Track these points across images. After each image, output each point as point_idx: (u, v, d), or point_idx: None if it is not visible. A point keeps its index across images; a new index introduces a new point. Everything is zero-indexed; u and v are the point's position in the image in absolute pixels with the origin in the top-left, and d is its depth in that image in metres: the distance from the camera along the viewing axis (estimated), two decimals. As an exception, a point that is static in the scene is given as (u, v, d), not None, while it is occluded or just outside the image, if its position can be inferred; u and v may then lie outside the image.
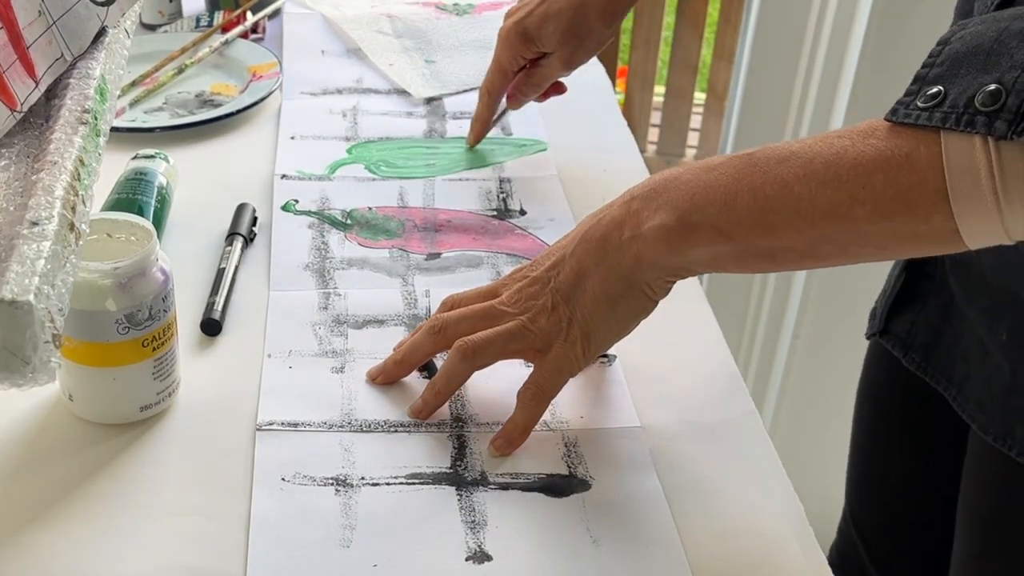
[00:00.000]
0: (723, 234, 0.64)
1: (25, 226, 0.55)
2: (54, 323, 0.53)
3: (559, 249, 0.72)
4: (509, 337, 0.70)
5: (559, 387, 0.71)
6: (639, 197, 0.68)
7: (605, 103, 1.14)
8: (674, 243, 0.65)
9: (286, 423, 0.72)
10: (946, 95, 0.58)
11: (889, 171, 0.59)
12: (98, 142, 0.65)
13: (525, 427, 0.70)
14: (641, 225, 0.67)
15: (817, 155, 0.61)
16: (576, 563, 0.63)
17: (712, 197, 0.64)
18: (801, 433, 1.72)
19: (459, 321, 0.73)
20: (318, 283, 0.85)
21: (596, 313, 0.69)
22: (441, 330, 0.73)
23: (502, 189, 0.98)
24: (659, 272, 0.67)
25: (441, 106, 1.12)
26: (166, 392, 0.72)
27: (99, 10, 0.70)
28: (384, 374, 0.75)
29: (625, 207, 0.68)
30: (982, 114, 0.56)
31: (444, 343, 0.73)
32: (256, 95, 1.09)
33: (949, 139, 0.57)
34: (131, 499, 0.66)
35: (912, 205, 0.58)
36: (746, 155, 0.65)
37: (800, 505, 0.68)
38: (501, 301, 0.72)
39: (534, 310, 0.70)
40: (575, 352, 0.69)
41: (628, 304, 0.69)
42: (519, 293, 0.72)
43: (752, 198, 0.63)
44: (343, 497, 0.66)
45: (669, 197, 0.66)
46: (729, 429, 0.73)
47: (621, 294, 0.68)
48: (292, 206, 0.94)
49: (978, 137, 0.56)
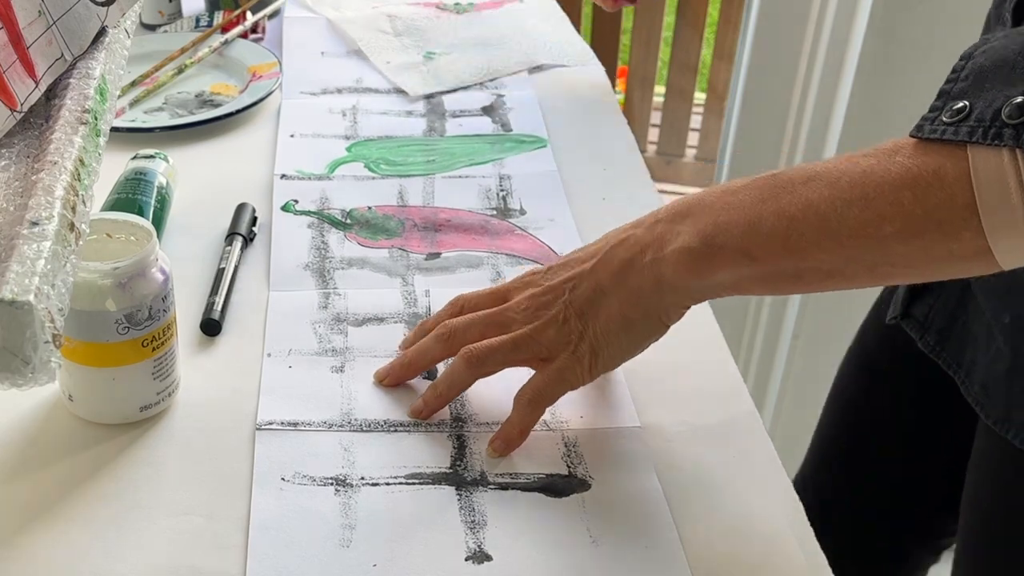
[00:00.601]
0: (748, 256, 0.63)
1: (25, 226, 0.55)
2: (54, 323, 0.53)
3: (578, 262, 0.71)
4: (514, 347, 0.70)
5: (557, 397, 0.70)
6: (663, 220, 0.67)
7: (605, 103, 1.14)
8: (698, 266, 0.65)
9: (286, 422, 0.72)
10: (972, 109, 0.57)
11: (917, 188, 0.58)
12: (98, 142, 0.65)
13: (521, 430, 0.70)
14: (664, 248, 0.66)
15: (843, 174, 0.61)
16: (576, 563, 0.63)
17: (736, 219, 0.64)
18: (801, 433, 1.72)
19: (467, 328, 0.73)
20: (318, 283, 0.85)
21: (609, 333, 0.69)
22: (449, 336, 0.73)
23: (502, 186, 0.98)
24: (680, 296, 0.67)
25: (441, 105, 1.12)
26: (166, 392, 0.72)
27: (99, 10, 0.70)
28: (391, 376, 0.75)
29: (649, 230, 0.68)
30: (1009, 127, 0.55)
31: (452, 350, 0.73)
32: (256, 95, 1.09)
33: (976, 153, 0.56)
34: (131, 499, 0.66)
35: (942, 222, 0.58)
36: (770, 176, 0.64)
37: (800, 505, 0.68)
38: (510, 307, 0.72)
39: (543, 319, 0.70)
40: (581, 367, 0.69)
41: (642, 328, 0.69)
42: (530, 300, 0.71)
43: (777, 219, 0.62)
44: (343, 497, 0.66)
45: (692, 220, 0.66)
46: (729, 429, 0.73)
47: (638, 318, 0.68)
48: (292, 206, 0.94)
49: (1006, 150, 0.55)
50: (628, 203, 0.96)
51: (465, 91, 1.14)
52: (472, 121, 1.09)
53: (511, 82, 1.16)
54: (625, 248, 0.68)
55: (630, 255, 0.68)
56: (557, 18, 1.30)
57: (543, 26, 1.27)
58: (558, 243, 0.90)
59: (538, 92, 1.14)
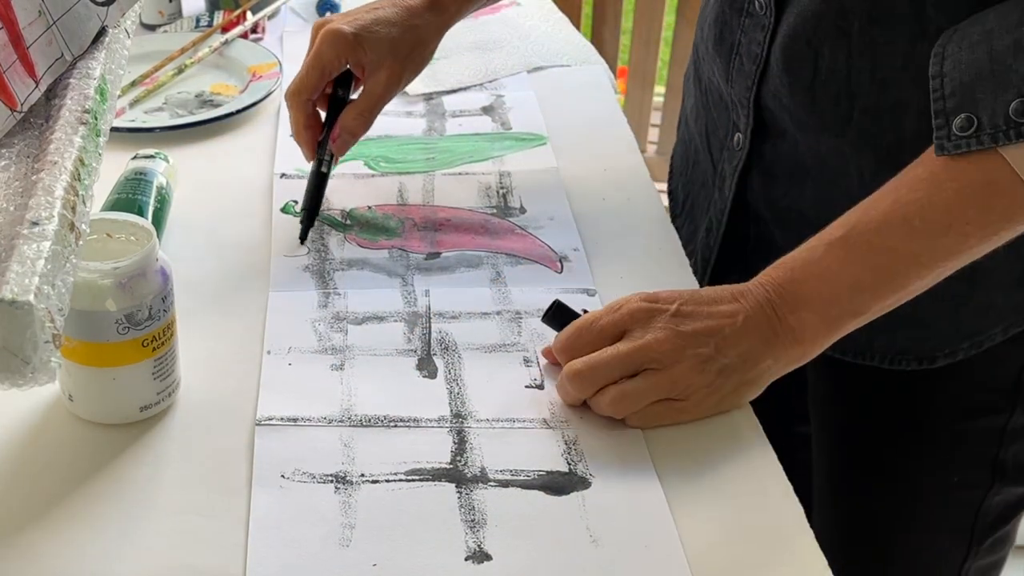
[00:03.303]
0: (860, 314, 0.72)
1: (25, 226, 0.55)
2: (54, 323, 0.53)
3: (718, 329, 0.72)
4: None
5: (642, 403, 0.71)
6: (772, 301, 0.72)
7: (605, 103, 1.14)
8: (824, 341, 0.73)
9: (285, 418, 0.72)
10: (979, 119, 0.66)
11: (979, 202, 0.68)
12: (98, 142, 0.65)
13: (567, 384, 0.72)
14: (794, 330, 0.72)
15: (908, 215, 0.69)
16: (576, 562, 0.63)
17: (838, 289, 0.71)
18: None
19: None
20: (318, 284, 0.85)
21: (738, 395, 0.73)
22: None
23: (502, 184, 0.98)
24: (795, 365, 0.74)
25: (440, 105, 1.12)
26: (166, 392, 0.72)
27: (99, 10, 0.71)
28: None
29: (767, 316, 0.72)
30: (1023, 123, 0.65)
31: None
32: (256, 95, 1.09)
33: (1008, 153, 0.66)
34: (131, 499, 0.66)
35: (1012, 217, 0.68)
36: (838, 239, 0.71)
37: (800, 506, 0.68)
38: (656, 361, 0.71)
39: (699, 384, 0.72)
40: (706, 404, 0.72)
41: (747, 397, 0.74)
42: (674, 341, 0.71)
43: (873, 273, 0.71)
44: (343, 495, 0.66)
45: (807, 305, 0.71)
46: (729, 429, 0.73)
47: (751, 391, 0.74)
48: (291, 208, 0.94)
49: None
50: (628, 203, 0.96)
51: (465, 91, 1.14)
52: (472, 121, 1.09)
53: (511, 82, 1.16)
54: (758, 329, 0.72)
55: (765, 336, 0.72)
56: (556, 18, 1.30)
57: (543, 26, 1.27)
58: (558, 243, 0.90)
59: (538, 92, 1.14)
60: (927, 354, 0.85)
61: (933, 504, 0.92)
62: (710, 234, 0.93)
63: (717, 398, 0.72)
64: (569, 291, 0.84)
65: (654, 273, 0.87)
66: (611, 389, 0.71)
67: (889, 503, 0.93)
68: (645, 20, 2.49)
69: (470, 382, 0.75)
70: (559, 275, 0.87)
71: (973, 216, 0.68)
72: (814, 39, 0.77)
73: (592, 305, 0.81)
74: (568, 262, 0.88)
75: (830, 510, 0.97)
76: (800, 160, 0.83)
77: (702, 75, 0.93)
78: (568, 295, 0.81)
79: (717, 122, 0.90)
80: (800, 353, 0.73)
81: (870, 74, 0.75)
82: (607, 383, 0.71)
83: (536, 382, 0.76)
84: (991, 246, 0.70)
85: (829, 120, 0.79)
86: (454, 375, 0.76)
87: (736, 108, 0.86)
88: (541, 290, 0.84)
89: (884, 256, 0.70)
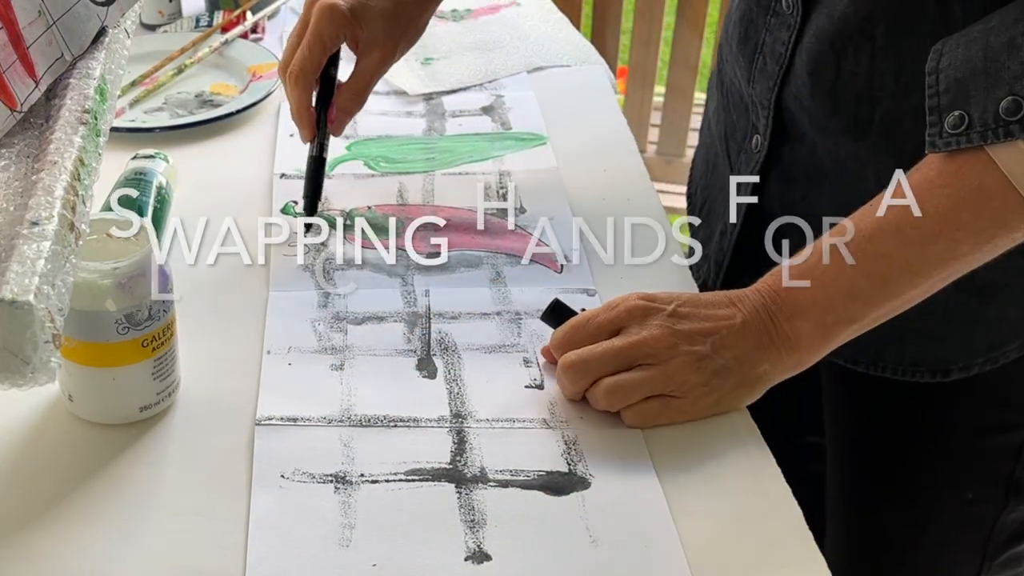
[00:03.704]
0: (855, 322, 0.72)
1: (25, 226, 0.55)
2: (54, 323, 0.53)
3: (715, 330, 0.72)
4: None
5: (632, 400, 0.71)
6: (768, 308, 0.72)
7: (605, 103, 1.14)
8: (819, 349, 0.73)
9: (285, 418, 0.72)
10: (970, 116, 0.65)
11: (971, 207, 0.67)
12: (98, 142, 0.65)
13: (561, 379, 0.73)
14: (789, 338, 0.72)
15: (901, 222, 0.69)
16: (575, 562, 0.63)
17: (833, 296, 0.71)
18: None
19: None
20: (317, 283, 0.85)
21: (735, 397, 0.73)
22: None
23: (502, 184, 0.98)
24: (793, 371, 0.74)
25: (440, 105, 1.12)
26: (166, 392, 0.72)
27: (99, 10, 0.71)
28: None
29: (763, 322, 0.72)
30: (1014, 122, 0.64)
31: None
32: (256, 95, 1.09)
33: (997, 153, 0.65)
34: (131, 499, 0.66)
35: (1003, 222, 0.67)
36: (833, 246, 0.71)
37: (799, 507, 0.68)
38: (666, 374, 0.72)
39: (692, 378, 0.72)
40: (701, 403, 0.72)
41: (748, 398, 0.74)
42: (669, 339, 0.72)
43: (868, 281, 0.70)
44: (342, 495, 0.66)
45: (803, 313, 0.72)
46: (729, 429, 0.73)
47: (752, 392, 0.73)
48: (291, 208, 0.94)
49: (1021, 142, 0.64)
50: (628, 203, 0.96)
51: (464, 91, 1.14)
52: (472, 121, 1.09)
53: (511, 82, 1.16)
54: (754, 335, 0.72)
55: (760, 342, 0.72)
56: (556, 18, 1.30)
57: (543, 26, 1.27)
58: (558, 243, 0.90)
59: (538, 92, 1.14)
60: (940, 366, 0.84)
61: (946, 520, 0.91)
62: (724, 237, 0.93)
63: (714, 398, 0.72)
64: (569, 291, 0.84)
65: (654, 274, 0.87)
66: (605, 380, 0.71)
67: (902, 518, 0.92)
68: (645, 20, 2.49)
69: (470, 382, 0.75)
70: (559, 275, 0.87)
71: (964, 222, 0.67)
72: (838, 41, 0.76)
73: (592, 305, 0.81)
74: (568, 262, 0.88)
75: (842, 523, 0.96)
76: (818, 163, 0.83)
77: (724, 77, 0.93)
78: (568, 295, 0.81)
79: (736, 124, 0.90)
80: (796, 360, 0.73)
81: (894, 77, 0.75)
82: (601, 375, 0.71)
83: (536, 382, 0.76)
84: (987, 255, 0.69)
85: (849, 123, 0.78)
86: (454, 375, 0.76)
87: (756, 109, 0.86)
88: (541, 290, 0.84)
89: (878, 263, 0.70)
